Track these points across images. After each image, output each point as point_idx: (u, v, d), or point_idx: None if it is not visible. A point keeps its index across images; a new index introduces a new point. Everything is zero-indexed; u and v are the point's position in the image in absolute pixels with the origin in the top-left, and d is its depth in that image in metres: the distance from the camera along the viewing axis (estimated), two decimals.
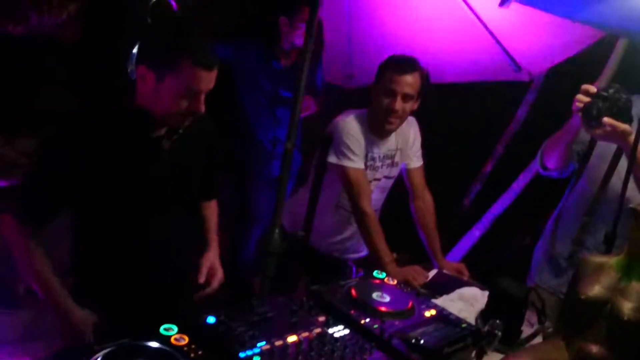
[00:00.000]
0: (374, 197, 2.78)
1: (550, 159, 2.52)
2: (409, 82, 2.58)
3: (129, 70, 2.76)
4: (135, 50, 2.82)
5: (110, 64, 2.78)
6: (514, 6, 2.66)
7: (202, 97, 1.82)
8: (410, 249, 2.94)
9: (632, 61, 3.29)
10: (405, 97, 2.59)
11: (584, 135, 2.45)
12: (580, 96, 2.23)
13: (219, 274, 2.20)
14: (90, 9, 2.67)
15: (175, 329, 1.62)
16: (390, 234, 2.68)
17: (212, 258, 2.21)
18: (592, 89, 2.22)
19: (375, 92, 2.65)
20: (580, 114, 2.23)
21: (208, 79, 1.80)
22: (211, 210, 2.34)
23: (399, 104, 2.59)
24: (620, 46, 3.43)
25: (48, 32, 2.66)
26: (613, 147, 2.36)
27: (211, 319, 1.71)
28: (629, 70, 2.80)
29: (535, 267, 2.69)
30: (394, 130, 2.72)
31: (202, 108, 1.83)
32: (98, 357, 1.47)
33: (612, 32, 3.27)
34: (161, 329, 1.61)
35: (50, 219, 1.87)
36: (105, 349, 1.49)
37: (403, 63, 2.61)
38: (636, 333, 1.81)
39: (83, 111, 1.92)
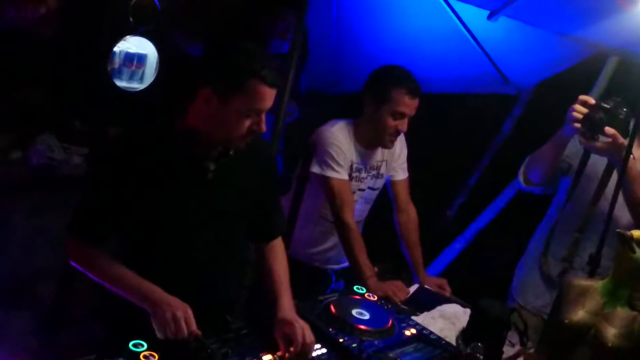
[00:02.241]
0: (358, 208, 2.73)
1: (534, 173, 2.47)
2: (416, 105, 2.57)
3: (108, 69, 2.69)
4: (117, 49, 2.76)
5: (89, 62, 2.70)
6: (504, 19, 2.64)
7: (264, 116, 1.79)
8: (392, 258, 2.90)
9: (622, 80, 3.27)
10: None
11: (568, 152, 2.41)
12: (578, 106, 2.18)
13: (304, 329, 1.81)
14: (70, 4, 2.59)
15: (145, 345, 1.55)
16: (372, 243, 2.62)
17: (289, 316, 1.86)
18: (591, 100, 2.17)
19: (379, 109, 2.56)
20: (578, 124, 2.17)
21: (272, 97, 1.78)
22: (277, 259, 2.06)
23: (406, 126, 2.57)
24: (610, 64, 3.41)
25: (26, 27, 2.58)
26: (603, 164, 2.31)
27: None
28: (618, 89, 2.78)
29: (518, 285, 2.64)
30: (392, 147, 2.70)
31: (264, 127, 1.80)
32: None
33: (605, 51, 3.25)
34: (130, 345, 1.54)
35: (106, 237, 1.84)
36: None
37: (415, 86, 2.55)
38: None
39: (128, 134, 1.89)
